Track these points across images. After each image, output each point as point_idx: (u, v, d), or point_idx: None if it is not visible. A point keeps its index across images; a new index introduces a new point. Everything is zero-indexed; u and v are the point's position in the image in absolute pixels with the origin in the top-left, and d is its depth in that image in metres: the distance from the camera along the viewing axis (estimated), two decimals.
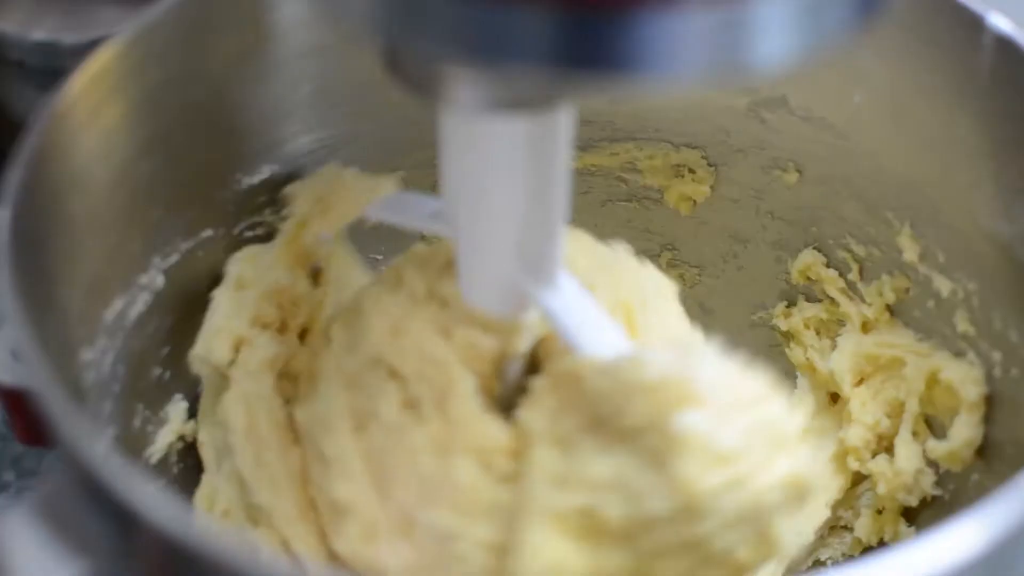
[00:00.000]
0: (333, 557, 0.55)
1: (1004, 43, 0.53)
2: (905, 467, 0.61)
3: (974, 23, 0.54)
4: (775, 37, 0.34)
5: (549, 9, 0.33)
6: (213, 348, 0.59)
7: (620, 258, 0.60)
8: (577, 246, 0.58)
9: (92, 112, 0.52)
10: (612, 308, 0.56)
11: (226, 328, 0.59)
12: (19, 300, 0.45)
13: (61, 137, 0.50)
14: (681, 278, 0.70)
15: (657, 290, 0.60)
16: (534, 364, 0.54)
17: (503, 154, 0.45)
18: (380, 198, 0.60)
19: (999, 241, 0.55)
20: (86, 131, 0.52)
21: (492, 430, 0.52)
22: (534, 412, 0.51)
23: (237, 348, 0.59)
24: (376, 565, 0.53)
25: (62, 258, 0.51)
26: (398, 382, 0.54)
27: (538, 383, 0.52)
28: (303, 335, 0.61)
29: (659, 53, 0.34)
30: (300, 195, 0.61)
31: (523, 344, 0.53)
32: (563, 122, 0.45)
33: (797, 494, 0.49)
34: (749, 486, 0.47)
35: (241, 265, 0.61)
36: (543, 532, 0.49)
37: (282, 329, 0.61)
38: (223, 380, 0.59)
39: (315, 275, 0.63)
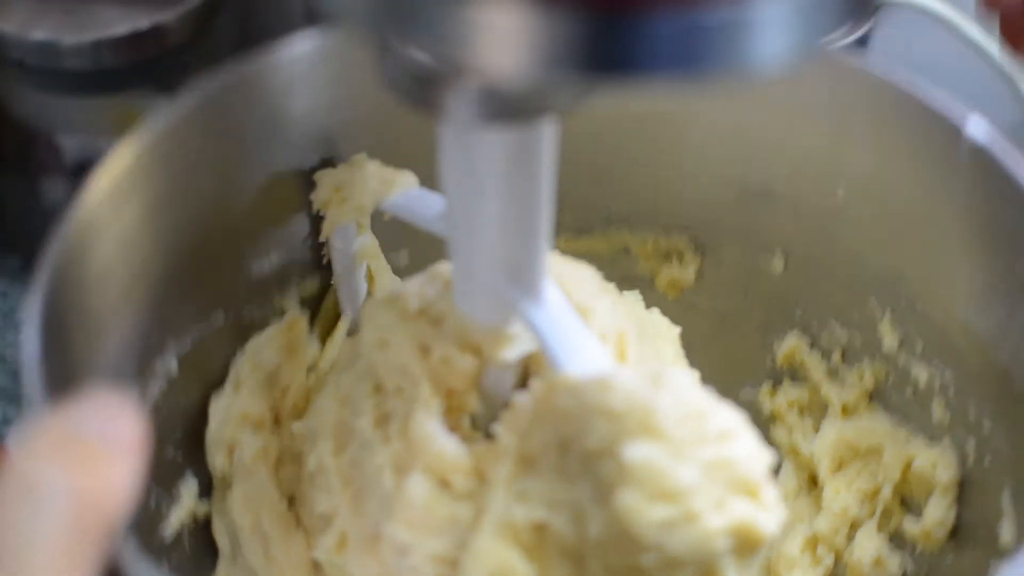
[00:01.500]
0: None
1: (980, 152, 0.55)
2: (860, 557, 0.63)
3: (952, 131, 0.56)
4: (774, 38, 0.35)
5: (544, 11, 0.33)
6: (214, 458, 0.62)
7: (625, 297, 0.62)
8: (579, 274, 0.60)
9: (112, 213, 0.54)
10: (605, 333, 0.57)
11: (220, 437, 0.62)
12: (46, 396, 0.47)
13: (84, 240, 0.53)
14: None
15: (656, 329, 0.62)
16: (526, 380, 0.55)
17: (487, 164, 0.46)
18: (398, 193, 0.61)
19: (974, 335, 0.57)
20: (107, 232, 0.54)
21: (448, 450, 0.53)
22: (507, 427, 0.52)
23: (231, 452, 0.62)
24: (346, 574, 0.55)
25: (85, 354, 0.53)
26: (379, 397, 0.56)
27: (519, 399, 0.52)
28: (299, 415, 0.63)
29: (653, 55, 0.34)
30: (322, 182, 0.62)
31: (510, 355, 0.54)
32: (547, 135, 0.46)
33: (747, 542, 0.47)
34: (696, 526, 0.46)
35: (240, 365, 0.63)
36: (494, 540, 0.50)
37: (276, 423, 0.63)
38: (226, 481, 0.62)
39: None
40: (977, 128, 0.56)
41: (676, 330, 0.63)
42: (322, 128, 0.62)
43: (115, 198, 0.54)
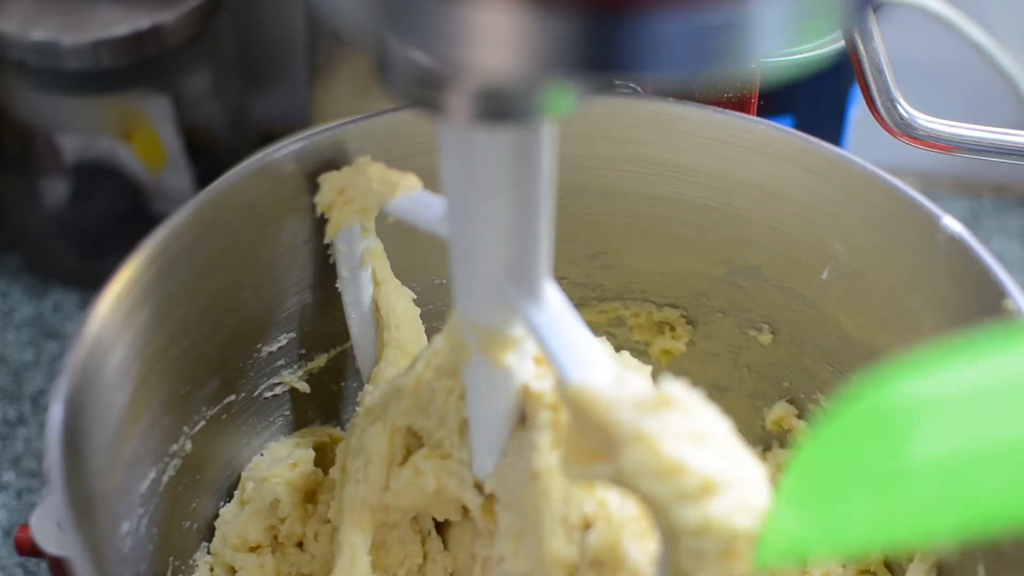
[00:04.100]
0: None
1: (956, 243, 0.57)
2: None
3: (931, 222, 0.58)
4: (770, 37, 0.35)
5: (541, 11, 0.33)
6: (216, 572, 0.64)
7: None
8: None
9: (127, 316, 0.56)
10: None
11: (222, 554, 0.64)
12: (66, 492, 0.49)
13: (102, 342, 0.54)
14: None
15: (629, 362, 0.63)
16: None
17: (487, 165, 0.45)
18: (401, 195, 0.60)
19: None
20: (123, 333, 0.55)
21: None
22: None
23: (233, 573, 0.64)
24: None
25: (105, 446, 0.55)
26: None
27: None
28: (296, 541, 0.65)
29: (648, 54, 0.34)
30: (325, 185, 0.62)
31: (511, 359, 0.52)
32: (546, 135, 0.45)
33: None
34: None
35: (246, 480, 0.65)
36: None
37: (275, 541, 0.65)
38: None
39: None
40: (953, 223, 0.58)
41: (647, 369, 0.63)
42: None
43: (126, 306, 0.55)
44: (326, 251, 0.63)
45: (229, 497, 0.66)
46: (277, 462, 0.65)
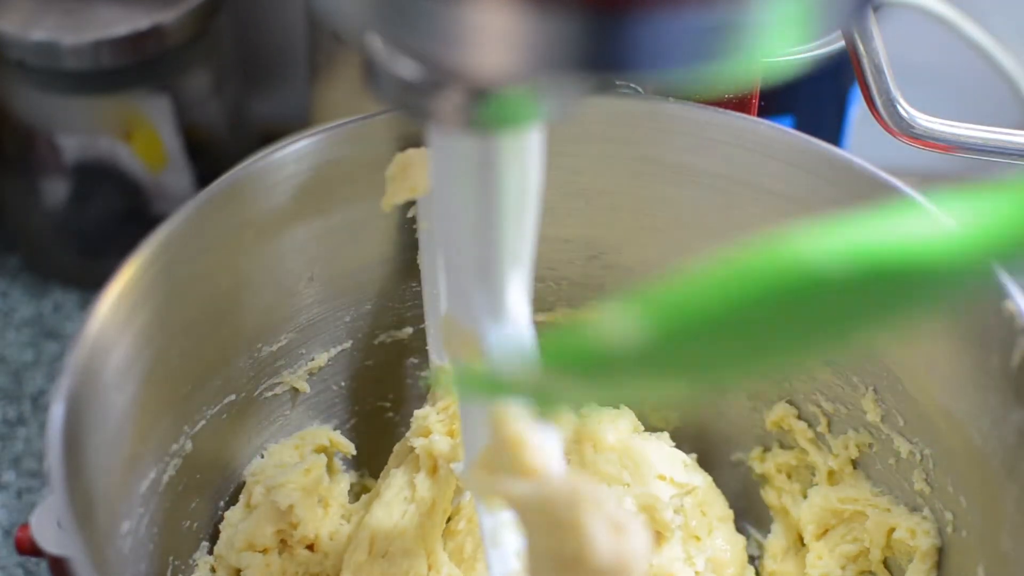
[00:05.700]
0: None
1: None
2: None
3: None
4: (773, 36, 0.35)
5: (538, 11, 0.33)
6: (219, 574, 0.64)
7: None
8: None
9: (127, 316, 0.56)
10: None
11: (227, 555, 0.64)
12: (66, 492, 0.49)
13: (102, 342, 0.54)
14: (665, 421, 0.73)
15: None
16: None
17: (456, 168, 0.45)
18: None
19: (952, 418, 0.59)
20: (123, 333, 0.55)
21: None
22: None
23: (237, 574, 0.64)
24: None
25: (105, 446, 0.55)
26: None
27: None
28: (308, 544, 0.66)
29: (648, 54, 0.34)
30: (396, 160, 0.61)
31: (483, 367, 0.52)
32: (528, 147, 0.44)
33: None
34: None
35: (252, 482, 0.66)
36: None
37: (283, 544, 0.65)
38: None
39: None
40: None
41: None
42: None
43: (128, 303, 0.56)
44: (326, 251, 0.64)
45: (230, 498, 0.66)
46: (289, 468, 0.66)
